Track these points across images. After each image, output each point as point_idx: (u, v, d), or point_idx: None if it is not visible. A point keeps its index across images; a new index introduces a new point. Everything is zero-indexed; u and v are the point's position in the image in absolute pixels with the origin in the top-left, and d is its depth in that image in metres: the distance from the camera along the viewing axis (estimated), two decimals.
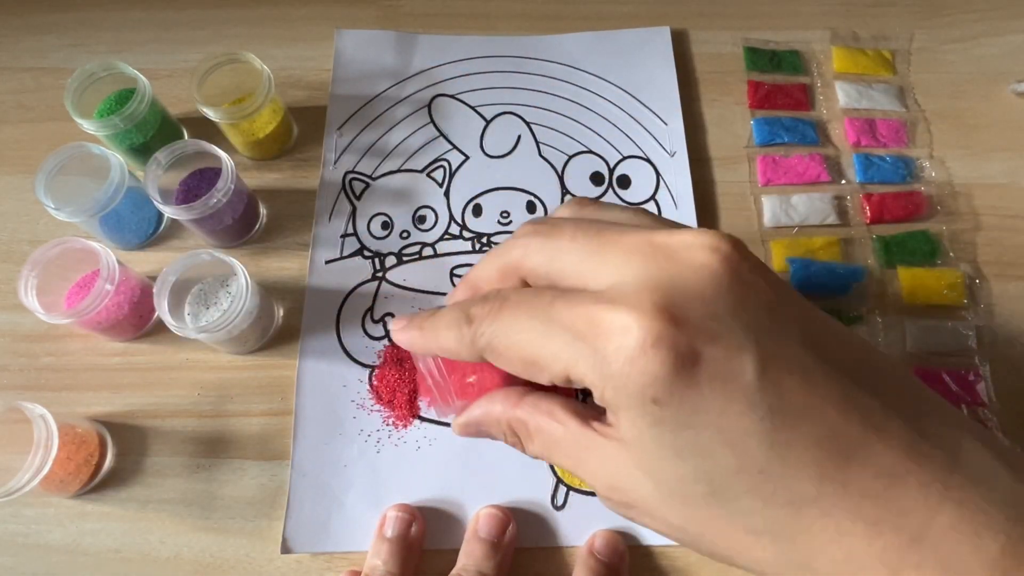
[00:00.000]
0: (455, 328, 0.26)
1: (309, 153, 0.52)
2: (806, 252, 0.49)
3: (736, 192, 0.51)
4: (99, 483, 0.43)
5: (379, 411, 0.44)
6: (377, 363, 0.45)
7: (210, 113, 0.47)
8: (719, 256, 0.23)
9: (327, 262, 0.48)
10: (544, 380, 0.24)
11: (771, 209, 0.50)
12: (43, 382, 0.46)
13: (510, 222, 0.50)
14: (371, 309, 0.47)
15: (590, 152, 0.52)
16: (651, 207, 0.50)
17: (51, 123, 0.54)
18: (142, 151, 0.50)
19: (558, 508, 0.42)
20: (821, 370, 0.22)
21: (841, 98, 0.54)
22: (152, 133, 0.50)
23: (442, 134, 0.52)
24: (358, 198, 0.50)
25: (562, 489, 0.42)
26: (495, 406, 0.28)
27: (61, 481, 0.41)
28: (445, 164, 0.51)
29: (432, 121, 0.53)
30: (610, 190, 0.51)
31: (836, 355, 0.23)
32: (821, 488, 0.21)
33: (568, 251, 0.25)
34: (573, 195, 0.50)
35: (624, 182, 0.50)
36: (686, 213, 0.49)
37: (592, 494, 0.42)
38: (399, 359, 0.45)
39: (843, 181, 0.52)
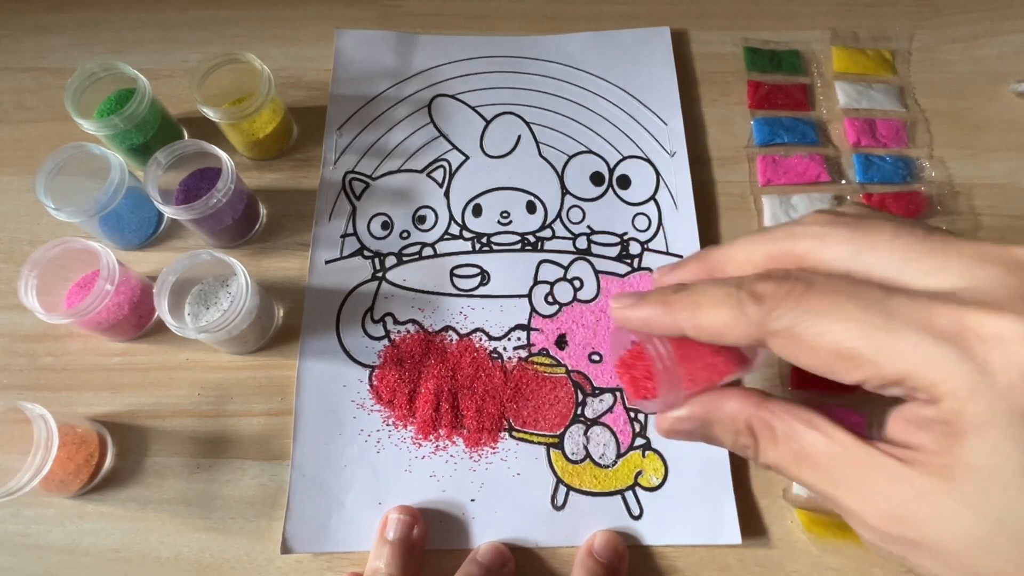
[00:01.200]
0: (731, 306, 0.23)
1: (309, 153, 0.52)
2: None
3: (736, 192, 0.51)
4: (99, 483, 0.43)
5: (379, 411, 0.44)
6: (377, 363, 0.45)
7: (210, 113, 0.47)
8: None
9: (327, 262, 0.48)
10: (854, 379, 0.22)
11: (771, 209, 0.50)
12: (43, 382, 0.46)
13: (510, 222, 0.49)
14: (371, 309, 0.47)
15: (590, 152, 0.52)
16: (651, 208, 0.50)
17: (51, 123, 0.54)
18: (142, 151, 0.50)
19: (558, 508, 0.42)
20: None
21: (841, 98, 0.54)
22: (152, 133, 0.50)
23: (442, 134, 0.52)
24: (358, 198, 0.50)
25: (562, 489, 0.42)
26: (729, 402, 0.25)
27: (61, 481, 0.41)
28: (445, 164, 0.51)
29: (432, 121, 0.53)
30: (610, 190, 0.50)
31: None
32: None
33: (890, 248, 0.23)
34: (573, 195, 0.50)
35: (624, 182, 0.50)
36: (685, 213, 0.49)
37: (593, 495, 0.42)
38: (399, 359, 0.45)
39: (843, 181, 0.52)
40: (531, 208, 0.50)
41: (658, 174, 0.50)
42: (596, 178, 0.50)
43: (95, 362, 0.46)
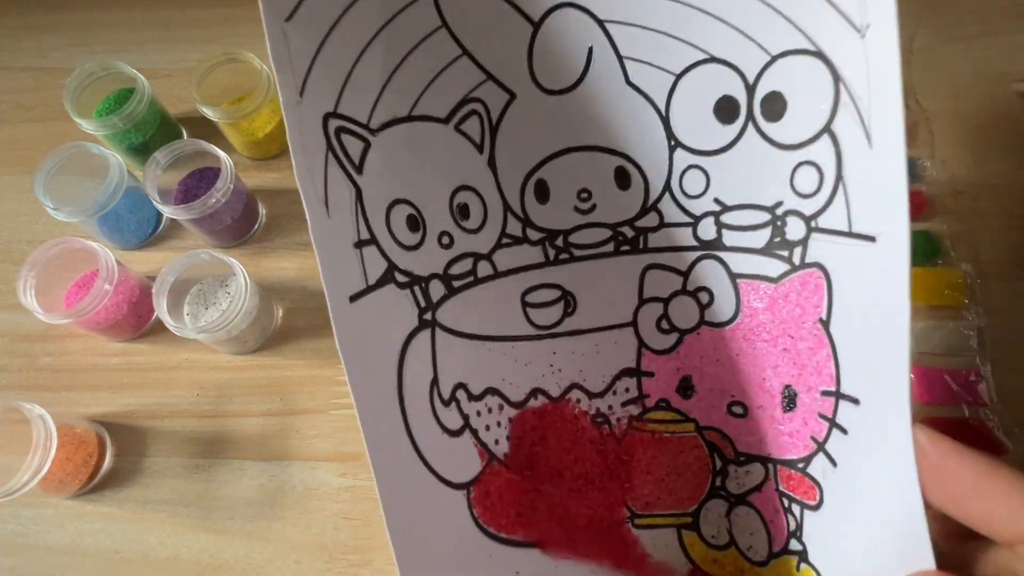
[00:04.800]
0: None
1: None
2: None
3: None
4: (98, 483, 0.43)
5: (519, 544, 0.29)
6: (471, 478, 0.29)
7: (209, 113, 0.47)
8: None
9: (353, 298, 0.26)
10: None
11: None
12: (42, 382, 0.46)
13: (592, 207, 0.31)
14: (436, 382, 0.29)
15: (712, 60, 0.28)
16: (821, 149, 0.26)
17: (50, 123, 0.54)
18: (141, 151, 0.50)
19: None
20: None
21: None
22: (151, 133, 0.50)
23: (465, 51, 0.29)
24: (359, 168, 0.27)
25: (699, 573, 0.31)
26: None
27: (60, 482, 0.41)
28: (480, 109, 0.30)
29: (445, 24, 0.28)
30: (749, 126, 0.28)
31: None
32: None
33: None
34: (687, 147, 0.30)
35: (774, 107, 0.27)
36: (888, 151, 0.23)
37: None
38: (531, 462, 0.30)
39: None
40: (623, 179, 0.31)
41: (837, 79, 0.25)
42: (725, 109, 0.28)
43: (94, 362, 0.46)
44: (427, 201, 0.29)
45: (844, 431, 0.26)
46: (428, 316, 0.29)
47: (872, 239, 0.24)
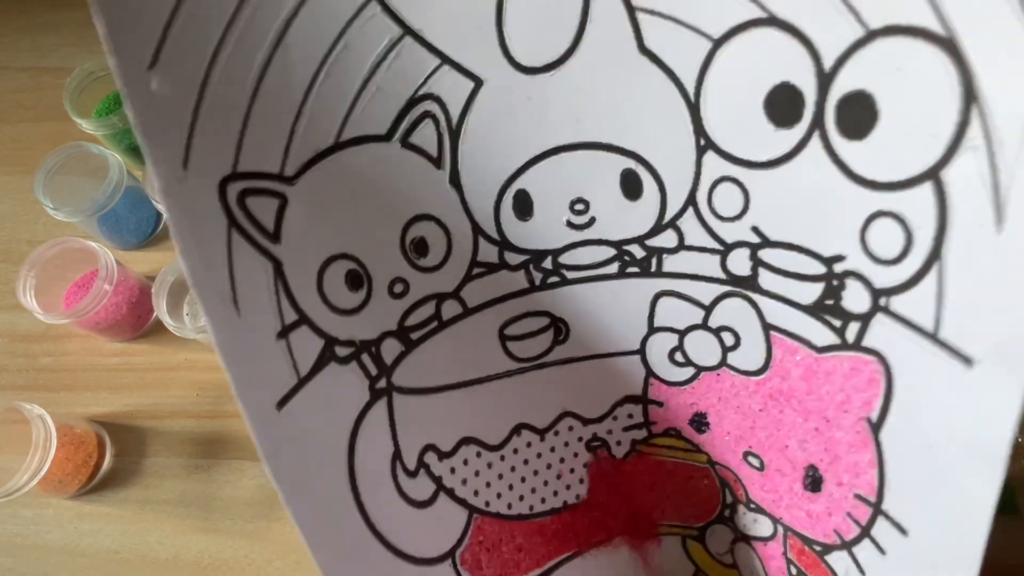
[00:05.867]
0: None
1: None
2: None
3: None
4: (97, 484, 0.43)
5: None
6: (459, 541, 0.25)
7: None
8: None
9: (281, 403, 0.20)
10: None
11: None
12: (41, 382, 0.46)
13: (591, 220, 0.24)
14: (397, 455, 0.24)
15: (772, 24, 0.18)
16: (919, 197, 0.17)
17: (50, 123, 0.54)
18: (140, 151, 0.50)
19: None
20: None
21: None
22: None
23: (407, 28, 0.21)
24: (274, 236, 0.20)
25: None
26: None
27: (59, 482, 0.41)
28: (433, 109, 0.22)
29: None
30: (814, 134, 0.19)
31: None
32: None
33: None
34: (722, 150, 0.22)
35: (855, 117, 0.18)
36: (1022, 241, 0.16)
37: None
38: (487, 527, 0.26)
39: None
40: (631, 186, 0.23)
41: (970, 95, 0.16)
42: (783, 103, 0.19)
43: (93, 362, 0.46)
44: (371, 249, 0.23)
45: (882, 551, 0.21)
46: (382, 383, 0.23)
47: (968, 361, 0.17)
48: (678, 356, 0.26)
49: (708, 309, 0.25)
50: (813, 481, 0.24)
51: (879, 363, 0.20)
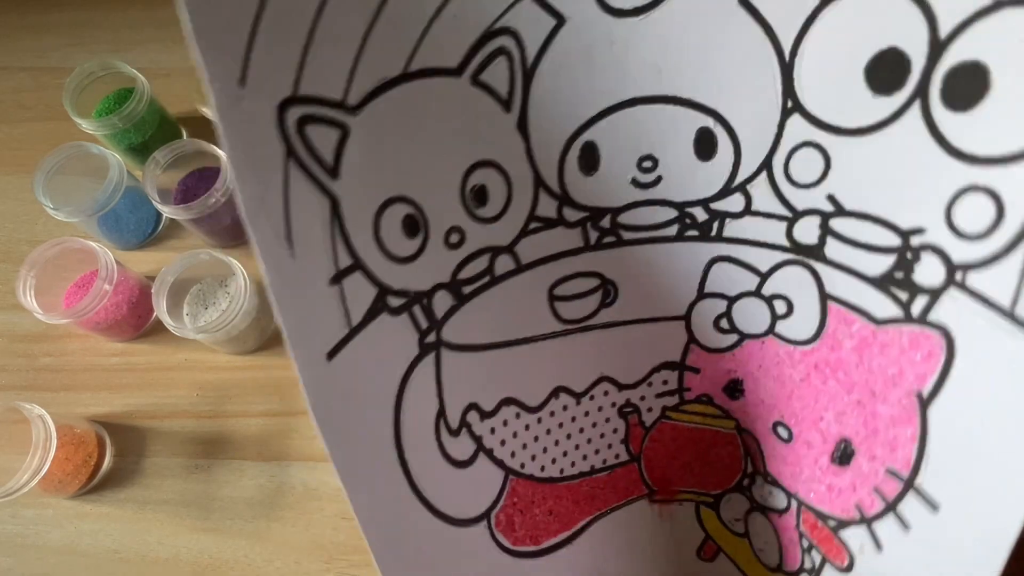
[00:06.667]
0: None
1: None
2: None
3: None
4: (97, 484, 0.43)
5: (557, 547, 0.27)
6: (484, 510, 0.25)
7: (209, 112, 0.47)
8: None
9: (331, 353, 0.20)
10: None
11: None
12: (41, 382, 0.46)
13: (658, 179, 0.23)
14: (442, 413, 0.24)
15: None
16: (1016, 175, 0.17)
17: (50, 123, 0.54)
18: (141, 151, 0.50)
19: (706, 560, 0.29)
20: None
21: None
22: (151, 133, 0.50)
23: None
24: (333, 171, 0.20)
25: (712, 545, 0.29)
26: None
27: (59, 482, 0.41)
28: (509, 45, 0.21)
29: None
30: (915, 103, 0.19)
31: None
32: None
33: None
34: (810, 114, 0.21)
35: (964, 88, 0.18)
36: None
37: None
38: (521, 488, 0.26)
39: None
40: (706, 146, 0.23)
41: None
42: (887, 69, 0.19)
43: (93, 362, 0.46)
44: (430, 193, 0.22)
45: (906, 527, 0.22)
46: (432, 338, 0.23)
47: None
48: (723, 323, 0.26)
49: (764, 276, 0.24)
50: (843, 455, 0.24)
51: (942, 337, 0.20)
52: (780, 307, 0.24)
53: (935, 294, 0.20)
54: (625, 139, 0.23)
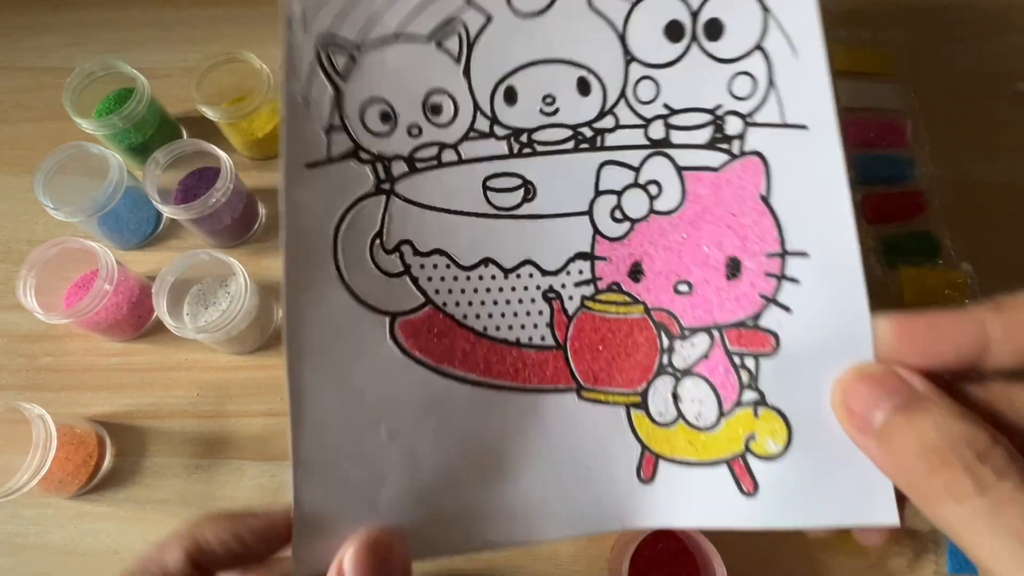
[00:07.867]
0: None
1: None
2: None
3: None
4: (98, 484, 0.43)
5: (423, 364, 0.33)
6: (400, 309, 0.32)
7: (209, 112, 0.47)
8: None
9: (309, 165, 0.32)
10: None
11: None
12: (42, 382, 0.46)
13: (556, 110, 0.35)
14: (380, 234, 0.33)
15: None
16: (755, 62, 0.34)
17: (50, 122, 0.54)
18: (141, 151, 0.50)
19: (645, 482, 0.34)
20: None
21: (841, 97, 0.54)
22: (151, 133, 0.50)
23: None
24: (342, 76, 0.34)
25: (649, 458, 0.34)
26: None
27: (60, 482, 0.41)
28: (460, 28, 0.35)
29: None
30: (693, 46, 0.35)
31: None
32: None
33: None
34: (641, 62, 0.35)
35: (713, 30, 0.35)
36: (810, 58, 0.34)
37: (690, 464, 0.34)
38: (431, 305, 0.33)
39: None
40: (584, 88, 0.36)
41: (765, 7, 0.35)
42: (672, 31, 0.35)
43: (94, 362, 0.46)
44: (401, 99, 0.34)
45: (796, 281, 0.32)
46: (386, 186, 0.33)
47: (804, 127, 0.33)
48: (616, 213, 0.35)
49: (637, 170, 0.35)
50: (733, 269, 0.33)
51: (758, 156, 0.33)
52: (653, 189, 0.35)
53: (742, 136, 0.34)
54: (533, 84, 0.35)
